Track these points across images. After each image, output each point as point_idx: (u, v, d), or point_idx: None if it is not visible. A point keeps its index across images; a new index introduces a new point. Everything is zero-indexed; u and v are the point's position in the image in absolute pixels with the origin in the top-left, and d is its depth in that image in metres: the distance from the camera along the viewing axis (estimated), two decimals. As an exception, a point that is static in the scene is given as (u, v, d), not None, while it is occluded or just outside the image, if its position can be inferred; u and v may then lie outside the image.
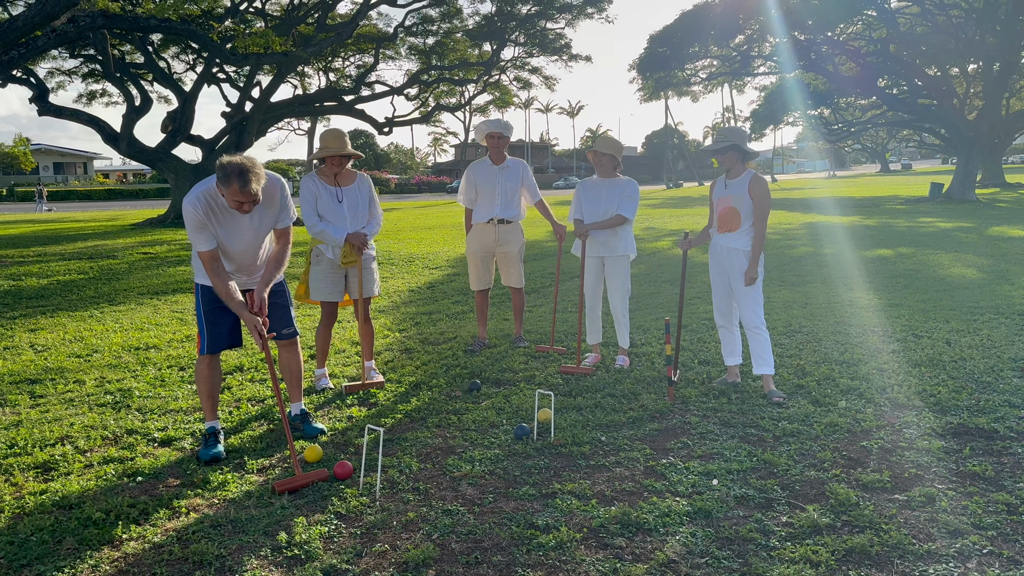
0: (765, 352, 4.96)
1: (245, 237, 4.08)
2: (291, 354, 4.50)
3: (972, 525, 3.14)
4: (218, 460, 4.00)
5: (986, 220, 18.96)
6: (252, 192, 3.74)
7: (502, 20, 31.45)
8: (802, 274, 10.52)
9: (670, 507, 3.34)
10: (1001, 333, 6.47)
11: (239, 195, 3.74)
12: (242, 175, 3.70)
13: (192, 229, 3.90)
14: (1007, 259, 11.35)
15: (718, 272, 5.12)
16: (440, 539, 3.13)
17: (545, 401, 4.74)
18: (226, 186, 3.73)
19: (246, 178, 3.70)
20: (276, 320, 4.35)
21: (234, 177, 3.70)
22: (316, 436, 4.41)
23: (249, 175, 3.72)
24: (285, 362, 4.50)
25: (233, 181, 3.70)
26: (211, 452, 4.02)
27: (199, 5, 21.15)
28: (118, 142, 24.56)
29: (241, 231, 4.05)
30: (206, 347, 4.20)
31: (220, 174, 3.74)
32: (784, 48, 28.39)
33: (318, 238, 5.22)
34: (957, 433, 4.21)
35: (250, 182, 3.72)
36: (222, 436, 4.21)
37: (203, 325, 4.19)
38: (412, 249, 15.30)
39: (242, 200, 3.76)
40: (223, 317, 4.18)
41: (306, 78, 35.89)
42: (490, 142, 6.22)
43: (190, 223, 3.89)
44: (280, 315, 4.37)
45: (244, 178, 3.70)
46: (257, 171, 3.78)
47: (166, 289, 10.39)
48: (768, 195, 4.90)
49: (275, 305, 4.33)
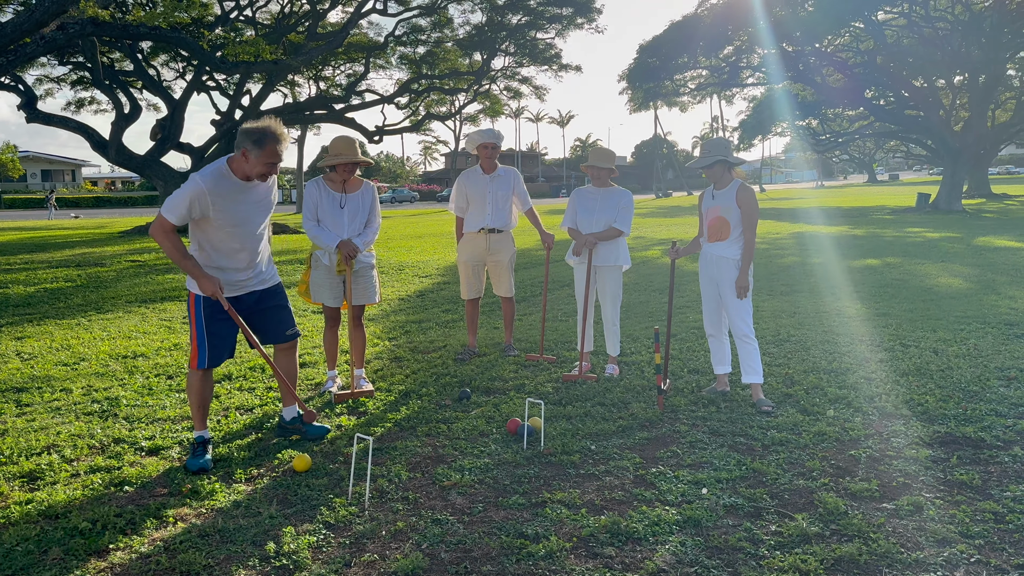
0: (754, 361, 4.98)
1: (250, 212, 4.08)
2: (289, 357, 4.49)
3: (960, 534, 3.15)
4: (205, 471, 3.97)
5: (972, 230, 19.11)
6: (283, 153, 3.94)
7: (492, 30, 31.53)
8: (790, 283, 10.57)
9: (660, 516, 3.35)
10: (988, 343, 6.52)
11: (274, 156, 3.90)
12: (277, 136, 3.88)
13: (182, 199, 3.84)
14: (993, 269, 11.44)
15: (708, 281, 5.14)
16: (429, 549, 3.12)
17: (535, 410, 4.74)
18: (261, 148, 3.85)
19: (280, 138, 3.89)
20: (279, 321, 4.35)
21: (270, 139, 3.85)
22: (322, 436, 4.41)
23: (281, 136, 3.91)
24: (283, 365, 4.47)
25: (269, 143, 3.85)
26: (199, 463, 3.99)
27: (189, 13, 21.11)
28: (107, 149, 24.45)
29: (247, 205, 4.05)
30: (206, 361, 4.08)
31: (255, 137, 3.85)
32: (772, 59, 28.58)
33: (312, 241, 5.26)
34: (944, 442, 4.23)
35: (283, 140, 3.91)
36: (211, 447, 4.19)
37: (203, 338, 4.07)
38: (402, 257, 15.29)
39: (275, 161, 3.92)
40: (224, 329, 4.11)
41: (296, 86, 35.85)
42: (482, 152, 6.23)
43: (186, 193, 3.84)
44: (283, 316, 4.38)
45: (278, 138, 3.88)
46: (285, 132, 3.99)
47: (154, 297, 10.33)
48: (756, 204, 4.93)
49: (278, 307, 4.34)
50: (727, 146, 5.02)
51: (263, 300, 4.30)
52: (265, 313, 4.32)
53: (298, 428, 4.47)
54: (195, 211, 3.89)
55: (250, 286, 4.23)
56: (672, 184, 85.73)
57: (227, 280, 4.11)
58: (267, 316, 4.33)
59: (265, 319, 4.32)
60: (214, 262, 4.08)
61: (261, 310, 4.30)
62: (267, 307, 4.32)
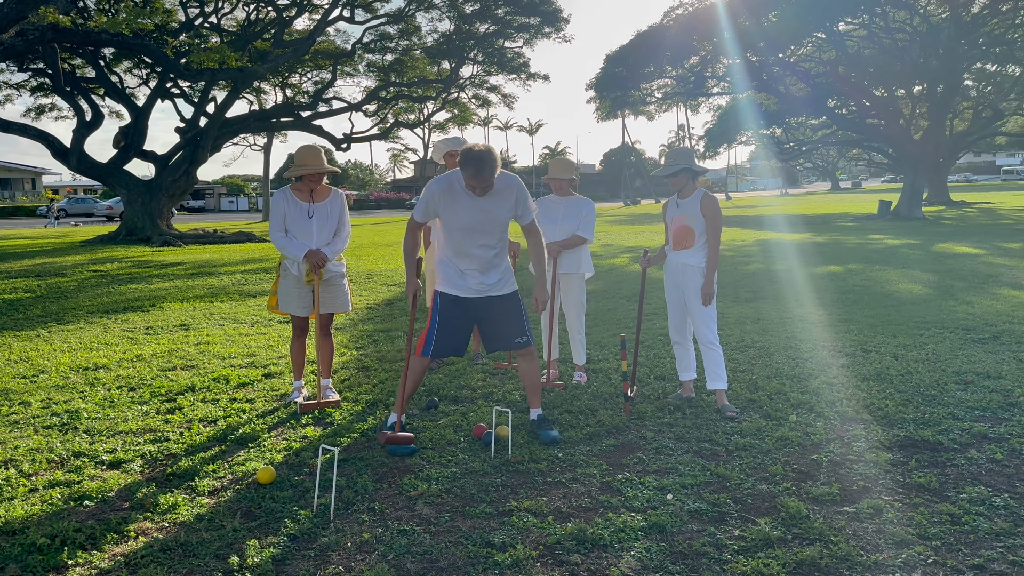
0: (719, 367, 5.04)
1: (473, 220, 4.34)
2: (529, 363, 4.60)
3: (917, 535, 3.22)
4: (414, 454, 4.29)
5: (932, 237, 19.51)
6: (471, 176, 4.16)
7: (460, 38, 31.60)
8: (755, 290, 10.71)
9: (625, 522, 3.37)
10: (946, 347, 6.66)
11: (472, 180, 4.18)
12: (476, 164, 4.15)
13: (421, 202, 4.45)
14: (952, 275, 11.69)
15: (673, 288, 5.20)
16: (395, 560, 3.10)
17: (503, 418, 4.75)
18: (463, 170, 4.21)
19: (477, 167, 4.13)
20: (510, 328, 4.51)
21: (470, 165, 4.13)
22: (552, 443, 4.42)
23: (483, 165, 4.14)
24: (523, 371, 4.63)
25: (468, 167, 4.14)
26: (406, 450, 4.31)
27: (153, 19, 20.87)
28: (68, 157, 24.04)
29: (471, 211, 4.34)
30: (431, 351, 4.44)
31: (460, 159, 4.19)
32: (737, 69, 29.02)
33: (280, 251, 5.24)
34: (903, 446, 4.31)
35: (481, 171, 4.12)
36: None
37: (433, 329, 4.45)
38: (371, 266, 15.22)
39: (474, 185, 4.20)
40: (454, 325, 4.47)
41: (262, 94, 35.61)
42: (449, 161, 6.24)
43: (423, 195, 4.44)
44: (514, 323, 4.51)
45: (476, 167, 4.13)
46: (491, 160, 4.18)
47: (116, 308, 10.17)
48: (719, 212, 5.01)
49: (510, 313, 4.52)
50: (691, 155, 5.10)
51: (494, 306, 4.52)
52: (494, 320, 4.55)
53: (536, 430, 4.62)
54: (429, 211, 4.42)
55: (485, 289, 4.48)
56: (640, 192, 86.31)
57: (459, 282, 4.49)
58: (496, 323, 4.55)
59: (495, 325, 4.56)
60: (447, 259, 4.53)
61: (490, 317, 4.54)
62: (495, 314, 4.53)
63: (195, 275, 14.32)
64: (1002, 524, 3.30)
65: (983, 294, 9.66)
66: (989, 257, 14.27)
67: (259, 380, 6.07)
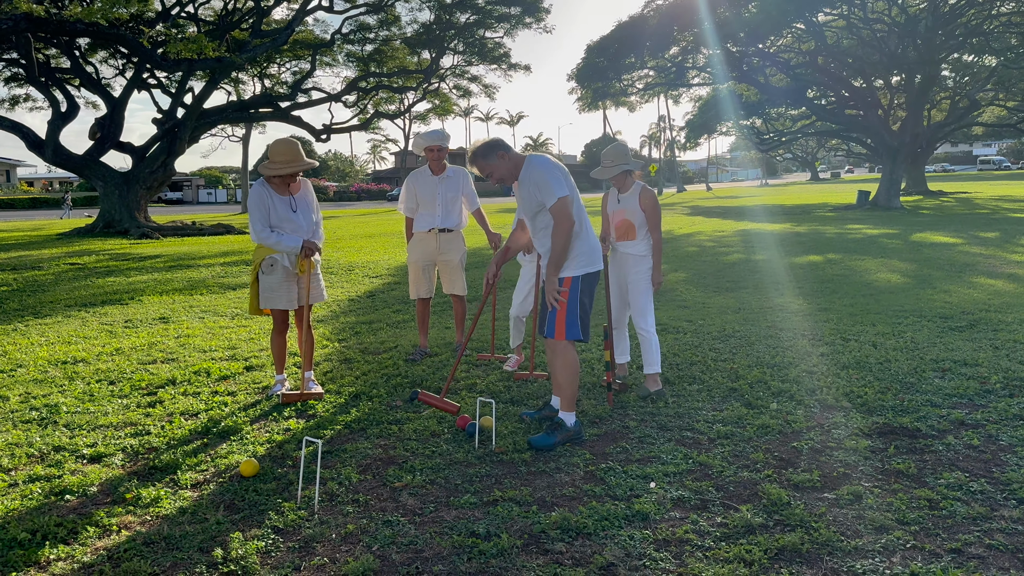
0: (655, 354, 5.20)
1: (520, 201, 4.55)
2: (555, 355, 4.46)
3: (896, 521, 3.27)
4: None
5: (910, 227, 19.72)
6: (475, 168, 4.50)
7: (441, 28, 31.45)
8: (735, 280, 10.78)
9: (609, 511, 3.39)
10: (923, 335, 6.75)
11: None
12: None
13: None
14: (930, 264, 11.83)
15: (616, 277, 5.36)
16: (380, 551, 3.11)
17: (487, 409, 4.76)
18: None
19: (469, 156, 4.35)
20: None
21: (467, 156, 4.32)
22: (536, 447, 4.26)
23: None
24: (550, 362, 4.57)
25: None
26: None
27: (128, 9, 20.57)
28: (43, 149, 23.71)
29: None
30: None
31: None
32: (717, 60, 29.09)
33: (274, 248, 5.12)
34: (882, 432, 4.37)
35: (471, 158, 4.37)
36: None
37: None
38: (352, 258, 15.15)
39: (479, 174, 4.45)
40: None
41: (241, 84, 35.23)
42: (429, 155, 6.23)
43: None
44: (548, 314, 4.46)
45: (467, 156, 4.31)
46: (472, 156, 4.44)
47: (95, 301, 10.07)
48: (657, 204, 5.22)
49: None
50: (627, 153, 5.29)
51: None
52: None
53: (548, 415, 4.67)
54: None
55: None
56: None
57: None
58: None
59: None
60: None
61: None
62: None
63: (174, 268, 14.20)
64: (979, 508, 3.36)
65: (960, 283, 9.78)
66: (966, 246, 14.45)
67: (240, 373, 6.04)
